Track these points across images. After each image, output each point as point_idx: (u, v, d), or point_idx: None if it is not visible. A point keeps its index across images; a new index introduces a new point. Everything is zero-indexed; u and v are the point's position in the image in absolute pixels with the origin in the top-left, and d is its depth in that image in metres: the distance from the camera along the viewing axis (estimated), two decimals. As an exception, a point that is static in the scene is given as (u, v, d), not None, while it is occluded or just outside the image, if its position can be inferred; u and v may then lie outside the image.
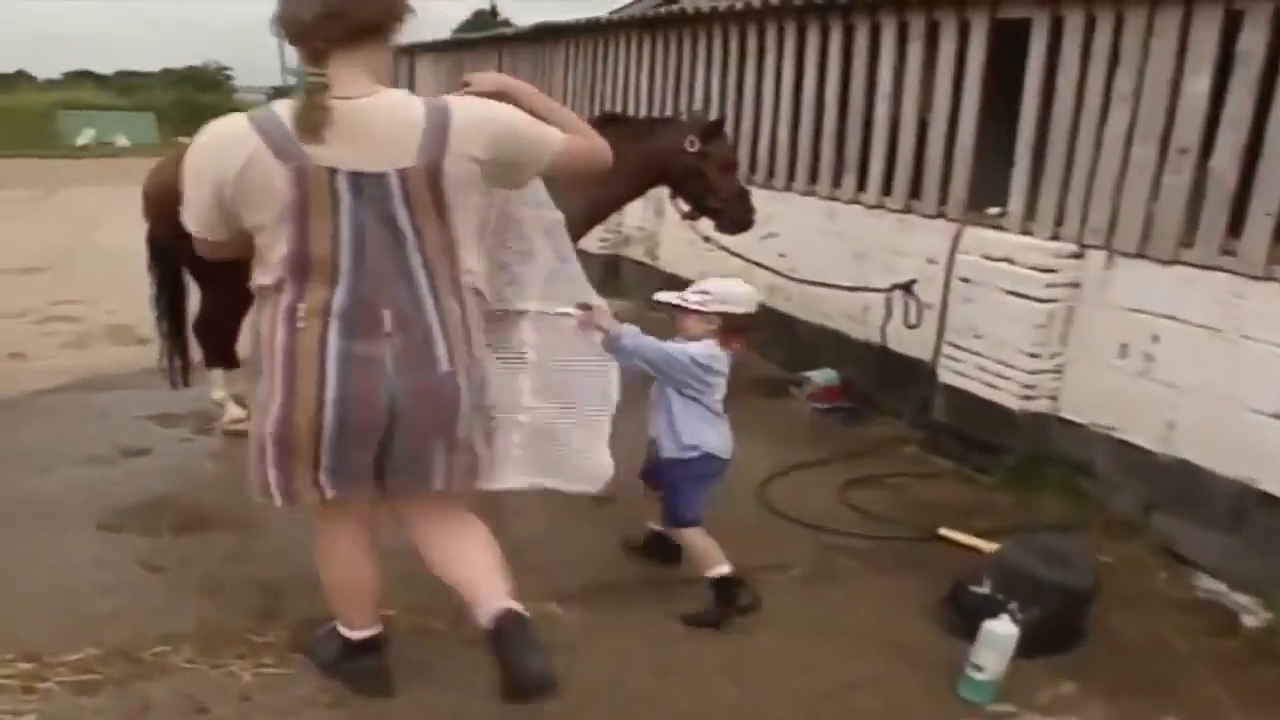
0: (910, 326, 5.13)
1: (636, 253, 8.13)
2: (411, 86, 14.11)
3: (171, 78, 43.33)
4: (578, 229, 4.48)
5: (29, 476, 4.07)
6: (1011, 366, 4.51)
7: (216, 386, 4.56)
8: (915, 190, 5.31)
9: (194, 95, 36.04)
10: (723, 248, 5.57)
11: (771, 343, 6.32)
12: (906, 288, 5.15)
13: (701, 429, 3.13)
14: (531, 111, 2.43)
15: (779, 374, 6.05)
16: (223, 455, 4.37)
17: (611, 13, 8.56)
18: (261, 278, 2.30)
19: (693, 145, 4.81)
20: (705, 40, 6.95)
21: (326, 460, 2.31)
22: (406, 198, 2.21)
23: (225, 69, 49.29)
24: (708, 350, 3.08)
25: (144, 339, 4.39)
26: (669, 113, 7.10)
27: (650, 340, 3.00)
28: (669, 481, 3.22)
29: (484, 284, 2.48)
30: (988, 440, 4.60)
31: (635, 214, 7.65)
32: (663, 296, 3.17)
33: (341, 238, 2.20)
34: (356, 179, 2.17)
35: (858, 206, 5.70)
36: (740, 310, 3.12)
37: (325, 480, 2.34)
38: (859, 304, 5.61)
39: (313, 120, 2.14)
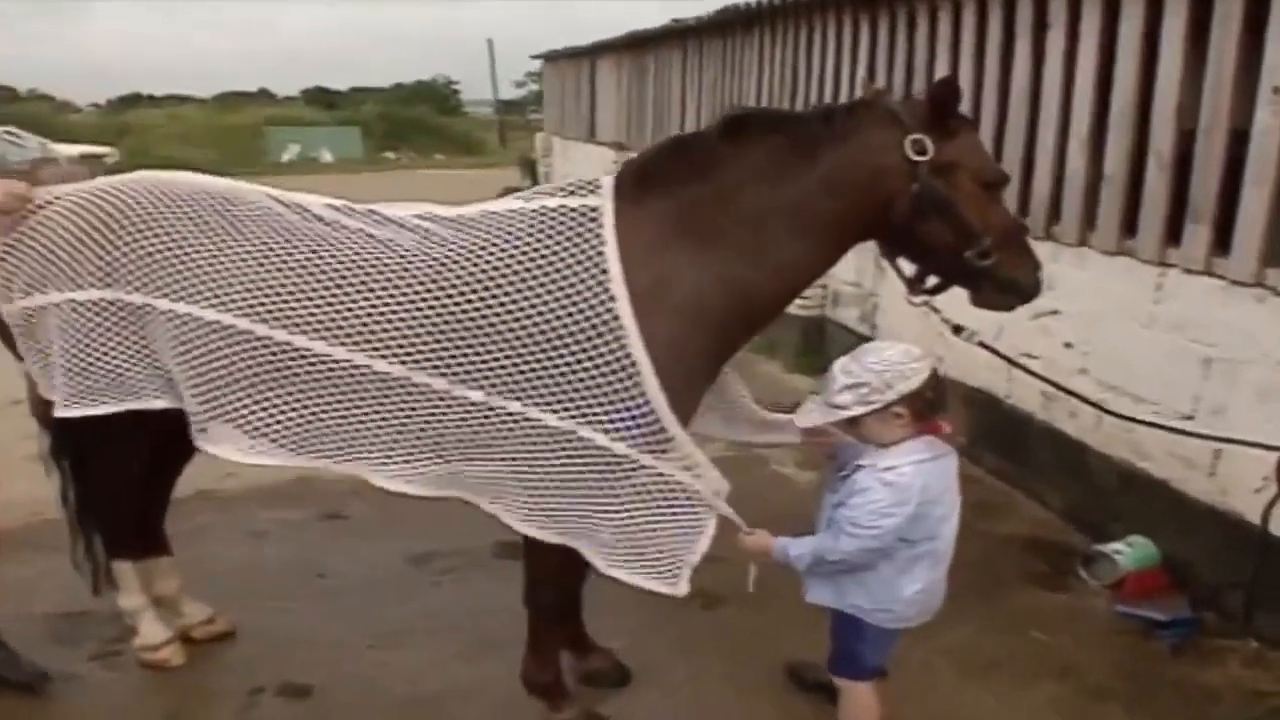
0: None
1: (849, 317, 5.99)
2: (593, 90, 12.60)
3: (402, 93, 44.08)
4: (729, 330, 2.45)
5: None
6: None
7: (126, 589, 2.93)
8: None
9: (401, 110, 36.18)
10: (982, 344, 2.94)
11: (1046, 479, 4.14)
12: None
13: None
14: None
15: (1058, 535, 3.97)
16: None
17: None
18: None
19: (920, 150, 2.36)
20: (951, 17, 4.83)
21: None
22: None
23: (454, 83, 49.94)
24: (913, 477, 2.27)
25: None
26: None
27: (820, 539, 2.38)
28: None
29: None
30: None
31: (848, 265, 5.52)
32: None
33: None
34: None
35: (1211, 281, 3.44)
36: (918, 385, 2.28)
37: None
38: (1206, 444, 3.37)
39: None
